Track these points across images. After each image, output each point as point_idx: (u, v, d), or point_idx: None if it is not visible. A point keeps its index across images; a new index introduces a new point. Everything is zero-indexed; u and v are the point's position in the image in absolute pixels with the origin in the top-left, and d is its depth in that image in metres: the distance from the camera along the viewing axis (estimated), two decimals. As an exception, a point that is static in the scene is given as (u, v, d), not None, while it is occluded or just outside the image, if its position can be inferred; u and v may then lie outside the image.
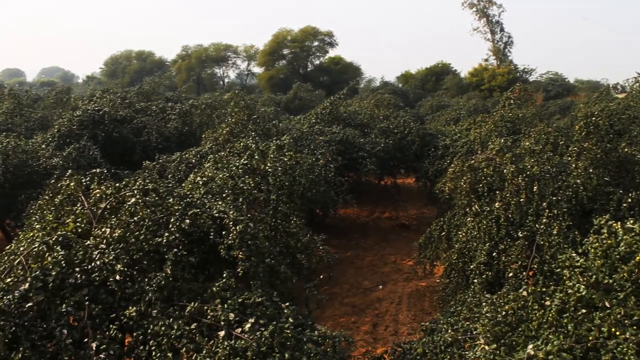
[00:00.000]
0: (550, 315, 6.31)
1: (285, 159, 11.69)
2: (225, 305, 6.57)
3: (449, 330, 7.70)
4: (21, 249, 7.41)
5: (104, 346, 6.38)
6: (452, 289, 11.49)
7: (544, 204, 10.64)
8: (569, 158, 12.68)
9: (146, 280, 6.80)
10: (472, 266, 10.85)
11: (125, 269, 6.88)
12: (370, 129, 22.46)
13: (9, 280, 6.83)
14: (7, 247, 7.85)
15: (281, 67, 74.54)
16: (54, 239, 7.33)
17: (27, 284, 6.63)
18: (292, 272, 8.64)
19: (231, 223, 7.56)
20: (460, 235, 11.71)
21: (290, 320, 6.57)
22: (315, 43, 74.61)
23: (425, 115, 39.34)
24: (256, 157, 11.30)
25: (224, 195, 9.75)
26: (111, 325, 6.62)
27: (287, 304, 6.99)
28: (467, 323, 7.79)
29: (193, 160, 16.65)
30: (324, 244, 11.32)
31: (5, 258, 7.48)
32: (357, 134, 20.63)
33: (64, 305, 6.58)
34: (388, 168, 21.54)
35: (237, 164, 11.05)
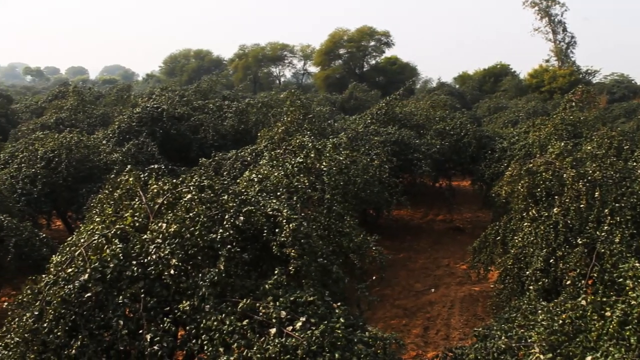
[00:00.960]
0: (611, 326, 6.08)
1: (341, 158, 11.66)
2: (277, 303, 6.59)
3: (503, 337, 7.52)
4: (82, 240, 7.62)
5: (158, 338, 6.49)
6: (507, 294, 11.22)
7: (606, 210, 10.26)
8: (634, 163, 12.20)
9: (200, 275, 6.88)
10: (527, 272, 10.56)
11: (180, 263, 6.98)
12: (426, 130, 22.19)
13: (70, 270, 7.04)
14: (69, 239, 8.09)
15: (337, 67, 74.44)
16: (112, 232, 7.51)
17: (87, 275, 6.82)
18: (344, 272, 8.60)
19: (284, 221, 7.58)
20: (516, 240, 11.42)
21: (342, 320, 6.53)
22: (372, 43, 74.09)
23: (483, 117, 38.67)
24: (312, 155, 11.30)
25: (278, 193, 9.80)
26: (165, 318, 6.73)
27: (339, 303, 6.95)
28: (522, 330, 7.59)
29: (248, 158, 16.80)
30: (377, 245, 11.23)
31: (67, 249, 7.71)
32: (412, 135, 20.40)
33: (120, 297, 6.74)
34: (443, 170, 21.25)
35: (292, 163, 11.07)
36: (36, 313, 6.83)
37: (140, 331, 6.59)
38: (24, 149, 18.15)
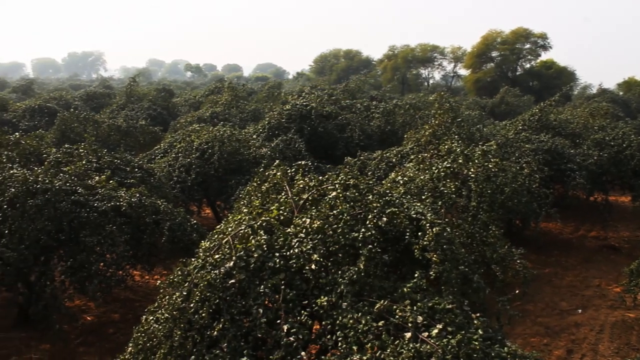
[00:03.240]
0: None
1: (490, 166, 11.25)
2: (415, 307, 6.44)
3: (662, 372, 6.84)
4: (229, 229, 7.94)
5: (295, 330, 6.58)
6: (668, 326, 10.22)
7: None
8: None
9: (339, 272, 6.90)
10: (695, 303, 9.56)
11: (321, 259, 7.05)
12: (583, 140, 20.93)
13: (217, 256, 7.36)
14: (217, 227, 8.46)
15: (488, 70, 71.93)
16: (258, 223, 7.73)
17: (232, 262, 7.09)
18: (486, 283, 8.27)
19: (428, 225, 7.41)
20: (684, 266, 10.38)
21: (480, 332, 6.25)
22: (527, 45, 70.60)
23: (650, 128, 35.72)
24: (460, 160, 11.01)
25: (423, 197, 9.63)
26: (303, 311, 6.81)
27: (478, 314, 6.67)
28: (686, 368, 6.86)
29: (394, 160, 16.75)
30: (522, 258, 10.72)
31: (215, 236, 8.07)
32: (567, 144, 19.34)
33: (262, 287, 6.92)
34: (599, 183, 19.82)
35: (440, 167, 10.85)
36: (184, 293, 7.21)
37: (278, 321, 6.72)
38: (182, 140, 19.42)
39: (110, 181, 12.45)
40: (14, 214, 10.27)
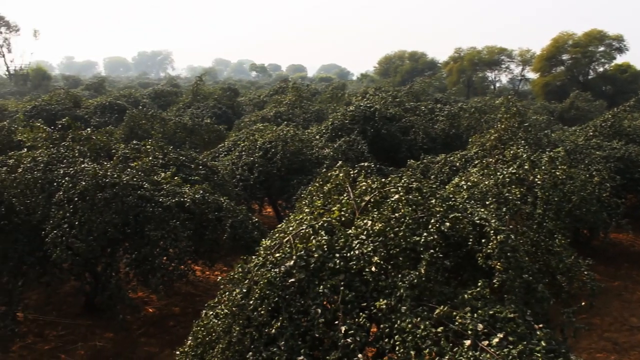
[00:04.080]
0: None
1: (558, 173, 10.91)
2: (475, 315, 6.32)
3: None
4: (290, 228, 7.97)
5: (352, 331, 6.55)
6: None
7: None
8: None
9: (399, 276, 6.84)
10: None
11: (381, 262, 7.00)
12: (660, 148, 20.01)
13: (277, 255, 7.41)
14: (279, 226, 8.52)
15: (558, 74, 69.48)
16: (319, 224, 7.75)
17: (292, 262, 7.12)
18: (550, 293, 8.02)
19: (492, 232, 7.25)
20: None
21: (543, 343, 6.06)
22: (601, 48, 67.69)
23: None
24: (526, 167, 10.72)
25: (487, 202, 9.43)
26: (361, 313, 6.77)
27: (541, 325, 6.48)
28: None
29: (457, 164, 16.48)
30: (589, 269, 10.34)
31: (276, 235, 8.12)
32: (641, 152, 18.54)
33: (321, 287, 6.92)
34: (677, 194, 18.95)
35: (505, 172, 10.60)
36: (244, 290, 7.27)
37: (336, 322, 6.70)
38: (245, 139, 19.69)
39: (175, 177, 12.72)
40: (83, 206, 10.61)
